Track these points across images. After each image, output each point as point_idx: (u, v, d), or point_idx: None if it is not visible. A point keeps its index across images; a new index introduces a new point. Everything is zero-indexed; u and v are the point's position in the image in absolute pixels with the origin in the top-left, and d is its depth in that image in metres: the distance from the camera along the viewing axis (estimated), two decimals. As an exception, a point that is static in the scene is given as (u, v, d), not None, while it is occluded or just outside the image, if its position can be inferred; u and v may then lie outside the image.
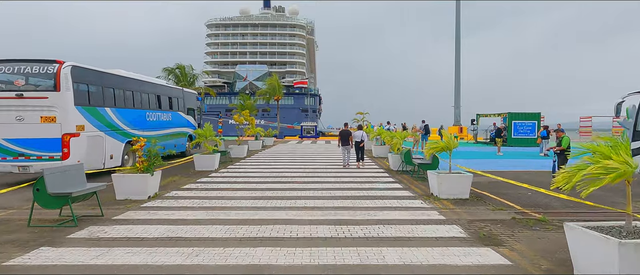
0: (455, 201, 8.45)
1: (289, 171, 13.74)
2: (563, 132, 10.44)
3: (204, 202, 8.38)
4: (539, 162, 17.48)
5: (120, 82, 13.42)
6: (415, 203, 8.34)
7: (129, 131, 13.46)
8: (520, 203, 8.34)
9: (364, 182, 11.37)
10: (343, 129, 15.71)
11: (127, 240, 5.65)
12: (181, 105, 18.75)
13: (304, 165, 15.74)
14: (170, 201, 8.49)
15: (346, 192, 9.61)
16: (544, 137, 21.07)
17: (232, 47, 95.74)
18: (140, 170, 8.72)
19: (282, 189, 10.16)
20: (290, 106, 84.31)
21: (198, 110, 21.09)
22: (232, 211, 7.53)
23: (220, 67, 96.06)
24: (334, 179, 11.83)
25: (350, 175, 12.76)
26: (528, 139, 28.74)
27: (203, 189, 10.20)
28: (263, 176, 12.49)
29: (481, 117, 34.09)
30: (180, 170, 14.02)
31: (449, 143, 8.95)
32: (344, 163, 15.00)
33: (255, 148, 24.69)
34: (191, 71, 44.93)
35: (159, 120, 16.02)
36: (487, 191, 9.67)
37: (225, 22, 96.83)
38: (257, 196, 9.10)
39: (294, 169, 14.47)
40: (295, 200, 8.67)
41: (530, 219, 6.92)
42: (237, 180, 11.61)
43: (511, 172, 13.49)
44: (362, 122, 29.98)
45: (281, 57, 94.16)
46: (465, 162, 13.92)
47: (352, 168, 14.59)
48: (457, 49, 42.09)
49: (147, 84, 15.43)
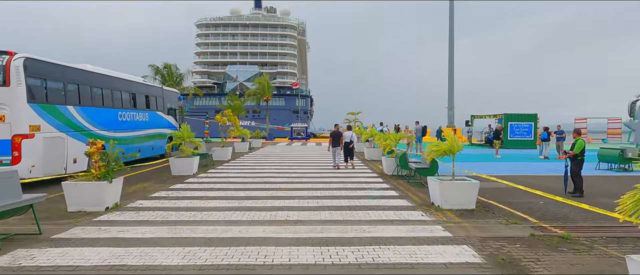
0: (461, 212, 7.36)
1: (274, 176, 12.57)
2: (579, 134, 9.40)
3: (170, 215, 7.19)
4: (541, 165, 16.53)
5: (87, 78, 12.14)
6: (415, 215, 7.23)
7: (97, 132, 12.19)
8: (535, 214, 7.28)
9: (356, 188, 10.25)
10: (333, 130, 15.74)
11: (54, 270, 4.45)
12: (160, 104, 17.48)
13: (291, 168, 14.58)
14: (131, 214, 7.28)
15: (336, 201, 8.47)
16: (544, 139, 20.16)
17: (222, 47, 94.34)
18: (97, 177, 7.50)
19: (264, 197, 8.99)
20: (281, 107, 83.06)
21: (180, 111, 19.83)
22: (200, 227, 6.35)
23: (210, 67, 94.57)
24: (323, 185, 10.69)
25: (340, 180, 11.64)
26: (525, 140, 27.93)
27: (174, 197, 8.99)
28: (245, 182, 11.31)
29: (476, 118, 33.21)
30: (154, 174, 12.78)
31: (452, 146, 7.87)
32: (333, 164, 14.93)
33: (241, 150, 23.46)
34: (177, 70, 43.63)
35: (133, 121, 14.75)
36: (493, 200, 8.61)
37: (216, 22, 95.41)
38: (233, 207, 7.92)
39: (280, 173, 13.31)
40: (277, 211, 7.51)
41: (553, 237, 5.84)
42: (214, 187, 10.41)
43: (514, 177, 12.45)
44: (354, 123, 28.99)
45: (272, 58, 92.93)
46: (462, 166, 12.89)
47: (342, 171, 13.49)
48: (450, 49, 41.24)
49: (120, 81, 14.15)
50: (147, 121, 15.91)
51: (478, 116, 33.12)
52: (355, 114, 29.35)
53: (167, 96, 18.32)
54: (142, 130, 15.43)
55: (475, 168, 13.71)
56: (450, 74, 41.28)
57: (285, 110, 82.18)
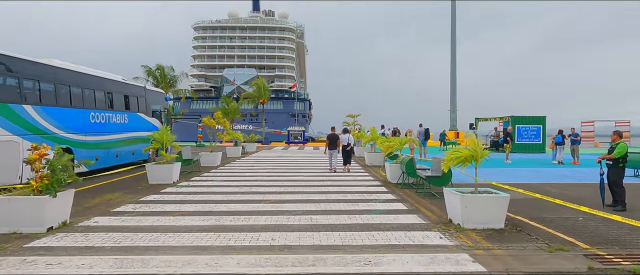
0: (488, 234, 5.92)
1: (264, 184, 11.13)
2: (620, 136, 7.98)
3: (125, 238, 5.74)
4: (556, 171, 15.11)
5: (50, 74, 10.69)
6: (432, 237, 5.79)
7: (63, 135, 10.76)
8: (582, 236, 5.84)
9: (357, 200, 8.81)
10: (330, 133, 15.30)
11: None
12: (143, 105, 16.04)
13: (285, 175, 13.14)
14: (76, 237, 5.83)
15: (333, 218, 7.04)
16: (558, 143, 18.75)
17: (219, 50, 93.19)
18: (37, 191, 6.05)
19: (248, 212, 7.55)
20: (278, 111, 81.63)
21: (166, 112, 18.39)
22: (156, 256, 4.90)
23: (207, 70, 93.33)
24: (318, 196, 9.25)
25: (339, 189, 10.20)
26: (533, 144, 26.55)
27: (140, 213, 7.54)
28: (229, 192, 9.86)
29: (480, 121, 31.83)
30: (129, 183, 11.33)
31: (475, 151, 6.45)
32: (330, 167, 14.54)
33: (233, 155, 21.99)
34: (171, 72, 42.22)
35: (109, 123, 13.31)
36: (522, 215, 7.18)
37: (213, 24, 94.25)
38: (208, 226, 6.47)
39: (271, 180, 11.87)
40: (261, 232, 6.07)
41: (619, 270, 4.42)
42: (193, 199, 8.96)
43: (532, 185, 11.07)
44: (353, 126, 27.55)
45: (270, 61, 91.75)
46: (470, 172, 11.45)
47: (340, 179, 12.07)
48: (452, 50, 39.97)
49: (92, 79, 12.70)
50: (126, 123, 14.47)
51: (483, 119, 31.74)
52: (354, 116, 27.89)
53: (151, 97, 16.88)
54: (120, 134, 13.99)
55: (485, 174, 12.31)
56: (453, 76, 39.99)
57: (283, 114, 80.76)
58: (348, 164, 14.57)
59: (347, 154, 14.60)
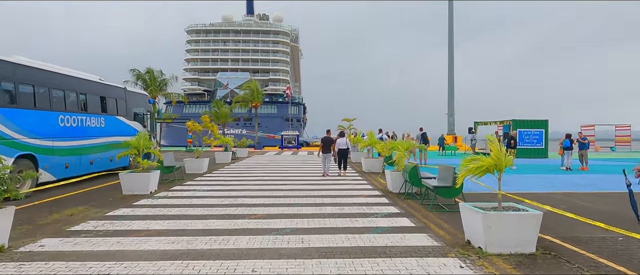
0: (518, 260, 4.85)
1: (251, 195, 10.00)
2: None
3: (69, 270, 4.60)
4: (567, 178, 14.10)
5: (9, 72, 9.48)
6: (451, 267, 4.70)
7: (24, 140, 9.58)
8: (631, 263, 4.79)
9: (356, 214, 7.71)
10: (325, 137, 15.13)
11: None
12: (123, 108, 14.85)
13: (275, 184, 12.02)
14: (7, 268, 4.68)
15: (329, 238, 5.93)
16: (566, 147, 17.81)
17: (213, 53, 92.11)
18: (-38, 210, 4.90)
19: (228, 231, 6.42)
20: (272, 115, 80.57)
21: (149, 116, 17.20)
22: (99, 298, 3.77)
23: (200, 74, 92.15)
24: (312, 209, 8.14)
25: (335, 200, 9.09)
26: (535, 149, 25.63)
27: (100, 232, 6.39)
28: (211, 204, 8.72)
29: (480, 125, 30.89)
30: (100, 194, 10.14)
31: (498, 159, 5.39)
32: (323, 171, 14.34)
33: (223, 161, 20.81)
34: (161, 76, 40.99)
35: (82, 126, 12.12)
36: (550, 233, 6.11)
37: (207, 28, 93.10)
38: (175, 252, 5.34)
39: (261, 190, 10.74)
40: (239, 260, 4.95)
41: None
42: (167, 214, 7.81)
43: (549, 195, 10.06)
44: (349, 130, 26.49)
45: (264, 65, 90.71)
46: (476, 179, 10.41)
47: (336, 188, 10.97)
48: (450, 53, 39.12)
49: (62, 78, 11.51)
50: (102, 127, 13.28)
51: (482, 123, 30.81)
52: (350, 120, 26.79)
53: (132, 99, 15.70)
54: (95, 139, 12.80)
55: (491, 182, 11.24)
56: (450, 79, 39.11)
57: (277, 118, 79.68)
58: (344, 169, 14.46)
59: (344, 158, 14.47)
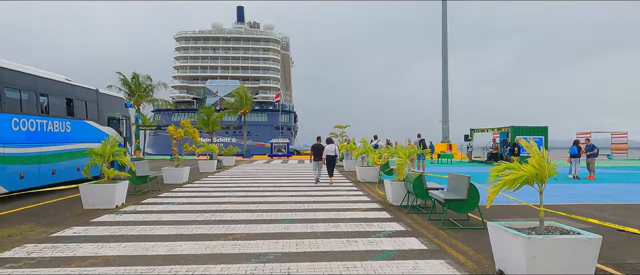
0: (575, 302, 3.64)
1: (232, 208, 8.70)
2: None
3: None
4: (578, 187, 13.04)
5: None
6: (489, 312, 3.47)
7: (-36, 146, 8.18)
8: None
9: (354, 233, 6.46)
10: (315, 144, 14.72)
11: None
12: (93, 112, 13.47)
13: (262, 195, 10.73)
14: None
15: (322, 267, 4.68)
16: (573, 155, 16.81)
17: (202, 61, 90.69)
18: None
19: (197, 258, 5.13)
20: (263, 123, 79.33)
21: (126, 121, 15.82)
22: None
23: (189, 82, 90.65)
24: (301, 227, 6.88)
25: (328, 215, 7.84)
26: (534, 157, 24.64)
27: (32, 261, 5.05)
28: (184, 221, 7.41)
29: (476, 132, 29.92)
30: (57, 209, 8.76)
31: (541, 168, 4.24)
32: (315, 178, 14.00)
33: (207, 170, 19.45)
34: (147, 81, 39.49)
35: (42, 131, 10.73)
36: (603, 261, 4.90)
37: (196, 35, 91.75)
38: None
39: (244, 203, 9.45)
40: (203, 303, 3.66)
41: None
42: (127, 234, 6.48)
43: (565, 207, 8.92)
44: (341, 137, 25.33)
45: (254, 72, 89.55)
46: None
47: (329, 196, 9.73)
48: (444, 57, 38.30)
49: (18, 76, 10.12)
50: (69, 133, 11.90)
51: (479, 130, 29.84)
52: (342, 127, 25.72)
53: (105, 102, 14.32)
54: (59, 145, 11.41)
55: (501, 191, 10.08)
56: (444, 86, 38.25)
57: (267, 126, 78.41)
58: (331, 176, 14.10)
59: (331, 166, 14.18)
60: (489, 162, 26.56)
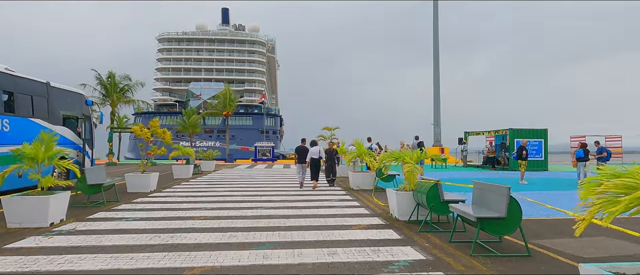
0: None
1: (199, 226, 6.89)
2: None
3: None
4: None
5: None
6: None
7: None
8: None
9: (358, 264, 4.73)
10: (300, 146, 13.95)
11: None
12: (43, 109, 11.49)
13: (238, 208, 8.93)
14: None
15: None
16: (579, 158, 15.47)
17: (185, 63, 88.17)
18: None
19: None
20: (248, 127, 77.17)
21: (87, 120, 13.82)
22: None
23: (172, 84, 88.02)
24: (285, 254, 5.12)
25: (319, 235, 6.10)
26: (533, 161, 23.32)
27: None
28: (128, 247, 5.58)
29: (471, 135, 28.57)
30: (-29, 228, 6.81)
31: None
32: (299, 182, 13.36)
33: (182, 176, 17.51)
34: (126, 81, 37.09)
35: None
36: None
37: (179, 36, 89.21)
38: None
39: (215, 218, 7.64)
40: None
41: None
42: (43, 270, 4.63)
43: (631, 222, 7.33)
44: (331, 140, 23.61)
45: (239, 75, 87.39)
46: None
47: (320, 209, 7.99)
48: (435, 58, 37.01)
49: None
50: (6, 132, 9.91)
51: (473, 133, 28.49)
52: (331, 129, 24.00)
53: (59, 98, 12.33)
54: (-7, 147, 9.41)
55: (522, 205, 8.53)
56: (436, 88, 36.93)
57: (252, 130, 76.24)
58: (316, 180, 13.15)
59: (315, 169, 13.26)
60: (486, 167, 25.18)
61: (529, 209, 8.54)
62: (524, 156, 15.24)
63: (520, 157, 15.33)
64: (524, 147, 15.56)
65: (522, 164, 15.20)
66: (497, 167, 24.47)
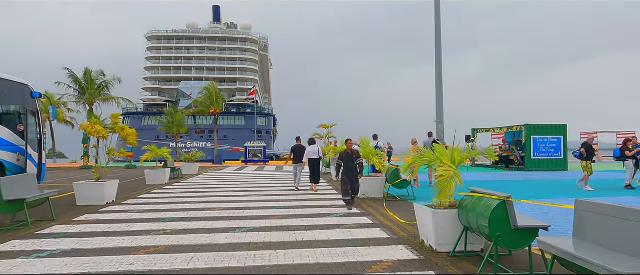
0: None
1: (149, 262, 4.49)
2: None
3: None
4: None
5: None
6: None
7: None
8: None
9: None
10: (296, 145, 12.88)
11: None
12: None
13: (213, 229, 6.55)
14: None
15: None
16: (617, 157, 13.32)
17: (175, 62, 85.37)
18: None
19: None
20: (240, 127, 74.61)
21: (34, 116, 11.33)
22: None
23: (161, 83, 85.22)
24: None
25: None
26: (552, 160, 21.15)
27: None
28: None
29: (479, 132, 26.36)
30: None
31: None
32: (294, 184, 12.38)
33: (155, 182, 15.05)
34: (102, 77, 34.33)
35: None
36: None
37: (169, 34, 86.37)
38: None
39: (177, 246, 5.25)
40: None
41: None
42: None
43: None
44: (328, 139, 21.29)
45: (231, 73, 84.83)
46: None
47: (321, 230, 5.66)
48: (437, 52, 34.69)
49: None
50: None
51: (482, 130, 26.28)
52: (328, 127, 21.70)
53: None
54: None
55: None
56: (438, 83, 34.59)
57: (245, 130, 73.62)
58: (316, 182, 12.24)
59: (315, 171, 12.27)
60: (499, 167, 22.91)
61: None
62: (584, 155, 12.46)
63: (583, 157, 12.51)
64: (590, 146, 12.71)
65: (586, 165, 12.41)
66: (511, 167, 22.25)
